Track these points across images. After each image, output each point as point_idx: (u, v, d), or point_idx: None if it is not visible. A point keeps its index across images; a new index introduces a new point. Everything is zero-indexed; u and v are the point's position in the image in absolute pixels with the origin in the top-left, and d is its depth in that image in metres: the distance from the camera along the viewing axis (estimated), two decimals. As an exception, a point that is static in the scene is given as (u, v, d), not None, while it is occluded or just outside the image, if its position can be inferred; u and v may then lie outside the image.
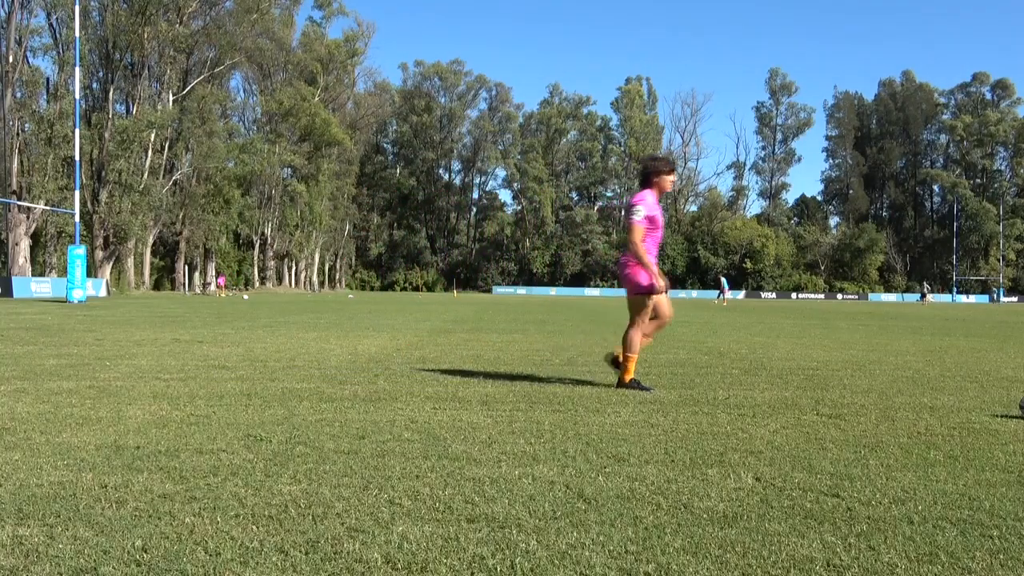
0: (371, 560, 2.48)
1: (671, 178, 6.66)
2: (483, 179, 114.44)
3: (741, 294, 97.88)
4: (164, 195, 55.05)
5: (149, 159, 54.44)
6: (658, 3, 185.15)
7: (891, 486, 3.48)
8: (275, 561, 2.46)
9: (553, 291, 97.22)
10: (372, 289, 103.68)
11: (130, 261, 55.59)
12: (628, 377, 6.54)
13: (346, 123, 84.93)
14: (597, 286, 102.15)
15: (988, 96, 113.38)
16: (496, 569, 2.43)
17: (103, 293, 43.77)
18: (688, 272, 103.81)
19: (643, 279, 6.47)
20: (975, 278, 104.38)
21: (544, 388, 6.46)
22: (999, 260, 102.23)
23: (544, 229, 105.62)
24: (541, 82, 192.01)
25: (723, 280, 57.97)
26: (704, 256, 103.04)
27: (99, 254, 51.25)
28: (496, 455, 3.96)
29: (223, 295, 53.08)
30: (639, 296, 6.52)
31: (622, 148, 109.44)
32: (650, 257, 6.50)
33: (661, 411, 5.41)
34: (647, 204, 6.47)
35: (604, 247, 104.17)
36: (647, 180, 6.63)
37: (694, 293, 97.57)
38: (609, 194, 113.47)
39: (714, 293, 76.68)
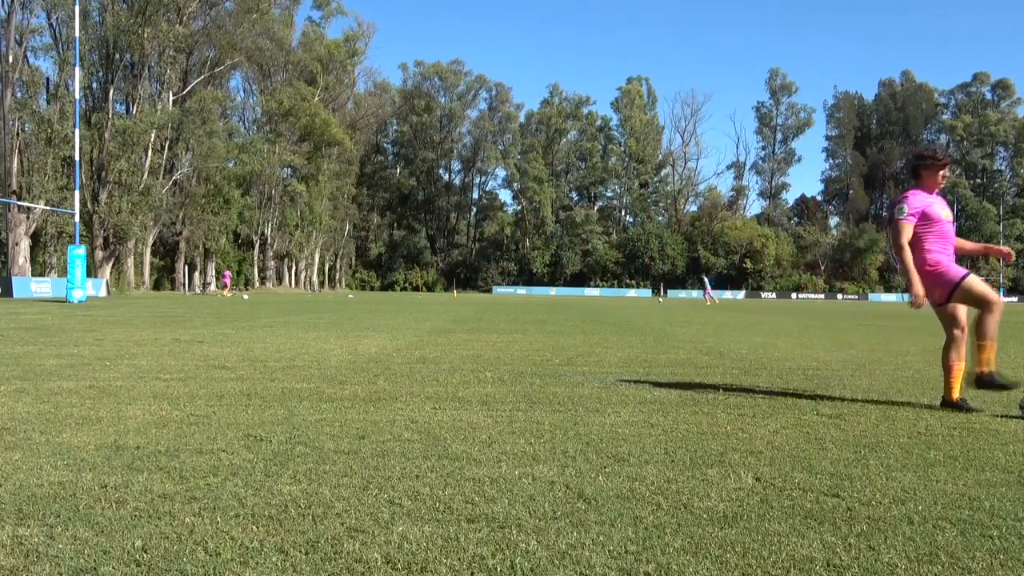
0: (371, 560, 2.48)
1: (942, 171, 5.90)
2: (483, 179, 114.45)
3: (741, 294, 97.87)
4: (164, 195, 55.03)
5: (149, 159, 54.44)
6: (658, 3, 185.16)
7: (891, 486, 3.49)
8: (275, 561, 2.46)
9: (553, 291, 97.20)
10: (372, 289, 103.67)
11: (130, 261, 55.55)
12: (954, 395, 5.79)
13: (346, 123, 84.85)
14: (597, 286, 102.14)
15: (988, 96, 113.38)
16: (496, 569, 2.43)
17: (103, 293, 43.75)
18: (688, 272, 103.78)
19: (933, 286, 5.78)
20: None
21: (544, 388, 6.46)
22: (999, 260, 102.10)
23: (544, 229, 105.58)
24: (541, 82, 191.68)
25: (706, 280, 57.97)
26: (704, 256, 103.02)
27: (99, 254, 51.22)
28: (496, 455, 3.96)
29: (226, 294, 52.34)
30: (938, 307, 5.90)
31: (622, 148, 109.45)
32: (943, 256, 5.80)
33: (661, 411, 5.41)
34: (913, 201, 5.84)
35: (604, 247, 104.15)
36: (915, 174, 6.01)
37: (694, 293, 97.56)
38: (609, 194, 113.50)
39: (714, 293, 76.48)
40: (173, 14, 54.74)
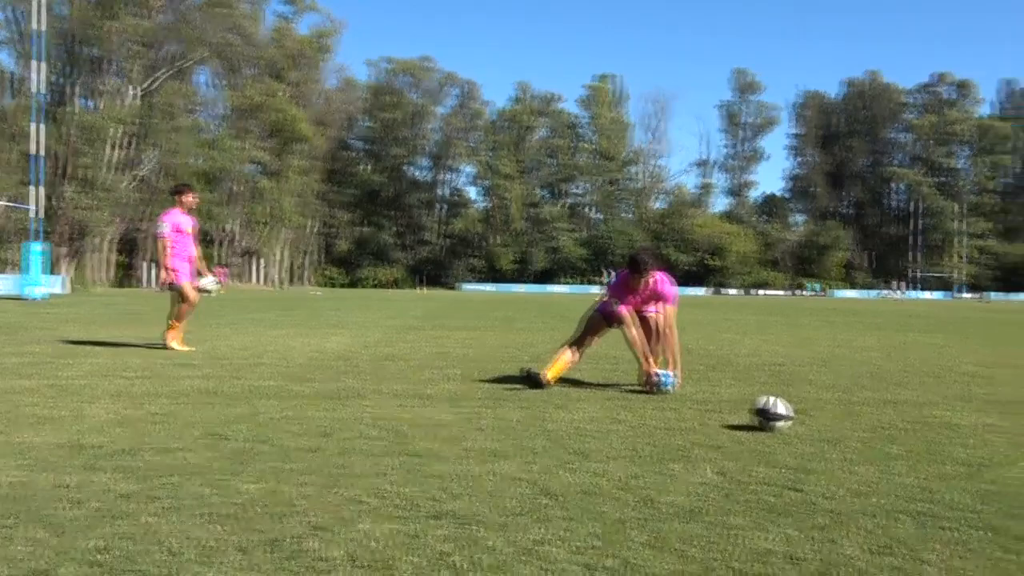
0: (334, 558, 2.47)
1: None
2: (452, 176, 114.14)
3: (704, 291, 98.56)
4: (127, 191, 54.21)
5: (113, 155, 53.60)
6: (627, 1, 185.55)
7: (851, 480, 3.53)
8: (236, 560, 2.44)
9: (520, 288, 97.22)
10: (339, 286, 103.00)
11: (93, 257, 54.68)
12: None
13: (314, 119, 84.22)
14: (564, 283, 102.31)
15: (949, 96, 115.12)
16: (460, 566, 2.43)
17: (65, 290, 43.02)
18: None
19: None
20: (936, 274, 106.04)
21: (511, 385, 6.46)
22: (960, 257, 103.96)
23: (512, 226, 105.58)
24: (511, 79, 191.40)
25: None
26: (673, 254, 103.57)
27: (61, 250, 50.38)
28: (461, 452, 3.96)
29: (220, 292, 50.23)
30: None
31: (593, 145, 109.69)
32: None
33: (627, 407, 5.43)
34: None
35: (571, 244, 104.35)
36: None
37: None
38: (578, 191, 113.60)
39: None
40: (139, 7, 53.94)
